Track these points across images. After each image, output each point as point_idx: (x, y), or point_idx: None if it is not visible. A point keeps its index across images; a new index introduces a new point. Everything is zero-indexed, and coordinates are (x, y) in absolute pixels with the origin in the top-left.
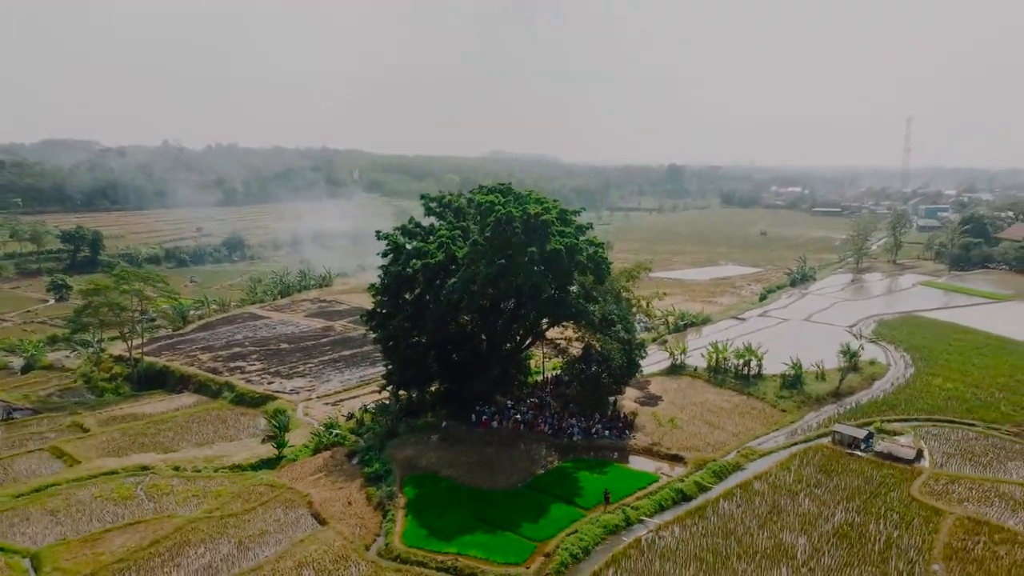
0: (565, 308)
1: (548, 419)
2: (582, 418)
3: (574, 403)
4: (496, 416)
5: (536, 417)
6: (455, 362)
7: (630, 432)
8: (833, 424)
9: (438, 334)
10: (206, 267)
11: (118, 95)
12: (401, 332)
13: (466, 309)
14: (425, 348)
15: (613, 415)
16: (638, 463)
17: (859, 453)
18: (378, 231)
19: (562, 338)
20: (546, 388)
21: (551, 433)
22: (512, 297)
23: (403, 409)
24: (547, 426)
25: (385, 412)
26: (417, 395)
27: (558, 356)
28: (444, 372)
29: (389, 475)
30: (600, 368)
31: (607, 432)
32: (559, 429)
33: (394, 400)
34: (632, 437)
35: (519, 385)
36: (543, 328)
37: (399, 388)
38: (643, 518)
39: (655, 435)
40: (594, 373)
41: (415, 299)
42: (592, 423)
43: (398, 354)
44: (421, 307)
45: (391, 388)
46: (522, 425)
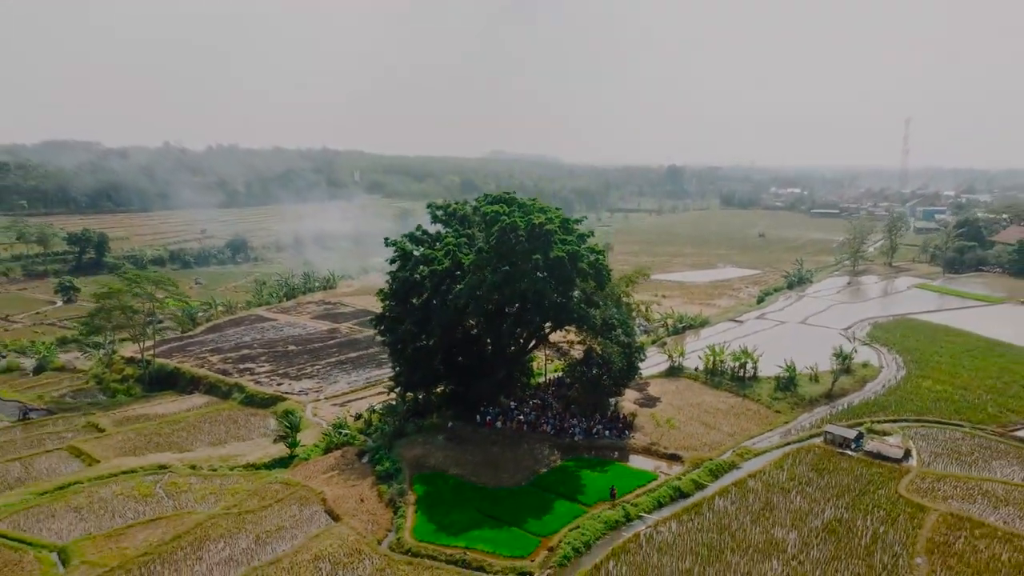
0: (567, 313)
1: (550, 419)
2: (583, 419)
3: (576, 404)
4: (500, 417)
5: (539, 417)
6: (461, 364)
7: (630, 432)
8: (825, 425)
9: (445, 337)
10: (210, 269)
11: (118, 95)
12: (409, 336)
13: (472, 314)
14: (432, 351)
15: (613, 416)
16: (637, 462)
17: (849, 452)
18: (387, 238)
19: (564, 341)
20: (548, 389)
21: (553, 433)
22: (516, 302)
23: (410, 410)
24: (549, 426)
25: (393, 413)
26: (424, 396)
27: (560, 358)
28: (450, 374)
29: (399, 473)
30: (601, 371)
31: (607, 432)
32: (561, 429)
33: (401, 401)
34: (631, 437)
35: (522, 387)
36: (546, 332)
37: (407, 390)
38: (642, 514)
39: (654, 435)
40: (595, 375)
41: (422, 304)
42: (593, 423)
43: (406, 357)
44: (428, 311)
45: (399, 389)
46: (525, 425)
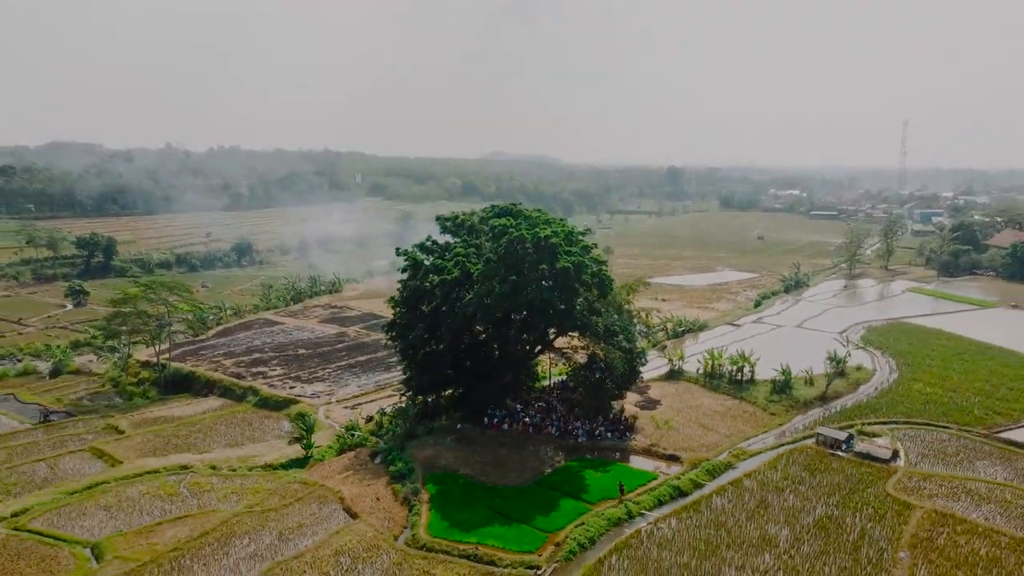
0: (572, 320)
1: (555, 422)
2: (586, 421)
3: (579, 407)
4: (507, 419)
5: (544, 420)
6: (469, 369)
7: (631, 434)
8: (817, 427)
9: (453, 343)
10: (216, 272)
11: (118, 96)
12: (419, 341)
13: (481, 321)
14: (441, 356)
15: (615, 418)
16: (638, 462)
17: (841, 453)
18: (398, 248)
19: (568, 347)
20: (552, 393)
21: (558, 435)
22: (523, 310)
23: (420, 412)
24: (554, 428)
25: (403, 415)
26: (433, 399)
27: (564, 362)
28: (458, 378)
29: (412, 473)
30: (603, 375)
31: (609, 434)
32: (565, 431)
33: (412, 404)
34: (633, 438)
35: (527, 390)
36: (551, 338)
37: (417, 393)
38: (643, 512)
39: (654, 436)
40: (598, 380)
41: (432, 311)
42: (596, 425)
43: (416, 361)
44: (438, 319)
45: (409, 393)
46: (531, 427)
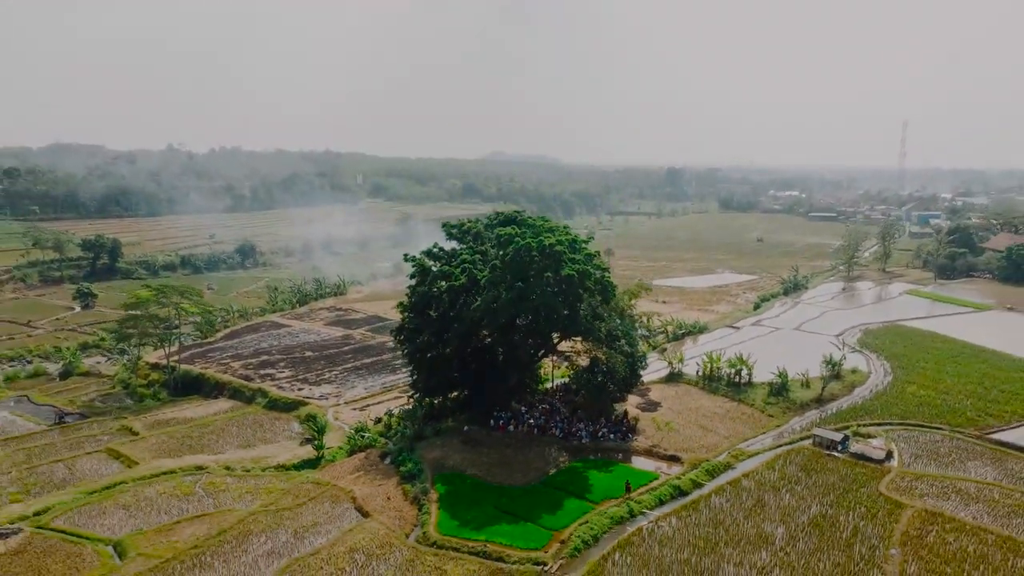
0: (576, 326)
1: (558, 423)
2: (589, 423)
3: (582, 409)
4: (512, 421)
5: (547, 422)
6: (475, 372)
7: (632, 435)
8: (813, 428)
9: (460, 347)
10: (220, 274)
11: (119, 96)
12: (427, 345)
13: (488, 327)
14: (448, 359)
15: (617, 420)
16: (640, 463)
17: (836, 454)
18: (406, 254)
19: (572, 351)
20: (555, 395)
21: (561, 436)
22: (528, 316)
23: (427, 414)
24: (558, 430)
25: (411, 417)
26: (440, 401)
27: (566, 365)
28: (465, 381)
29: (421, 474)
30: (606, 378)
31: (612, 435)
32: (568, 433)
33: (419, 406)
34: (634, 440)
35: (531, 392)
36: (555, 342)
37: (424, 395)
38: (645, 511)
39: (655, 438)
40: (601, 383)
41: (439, 316)
42: (598, 427)
43: (424, 365)
44: (445, 323)
45: (417, 395)
46: (535, 429)
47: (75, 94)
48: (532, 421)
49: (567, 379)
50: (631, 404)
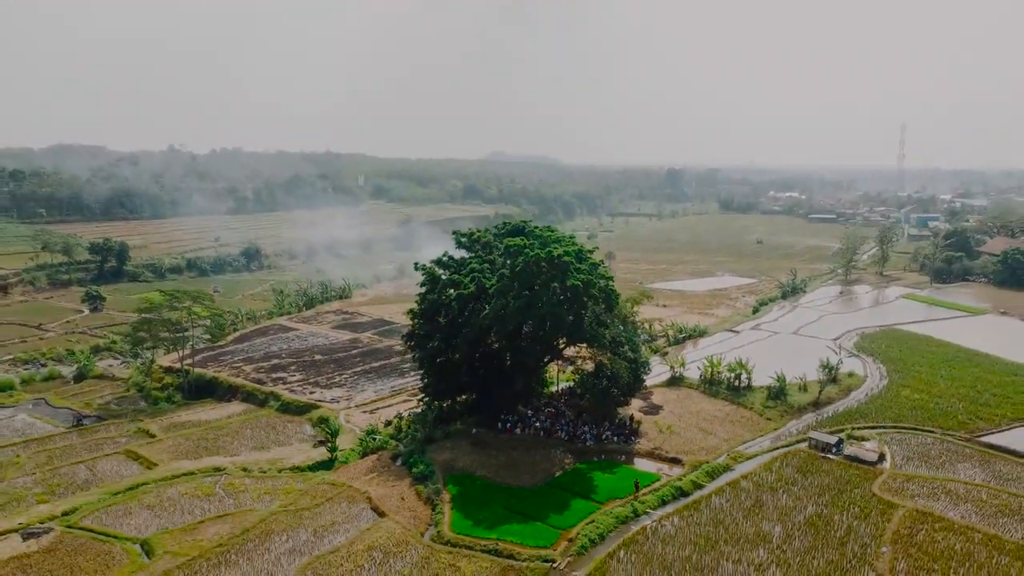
0: (581, 333)
1: (564, 426)
2: (594, 426)
3: (587, 413)
4: (519, 424)
5: (553, 425)
6: (483, 376)
7: (635, 438)
8: (810, 431)
9: (469, 352)
10: (226, 276)
11: (120, 97)
12: (437, 351)
13: (497, 334)
14: (457, 364)
15: (620, 423)
16: (642, 464)
17: (831, 456)
18: (416, 263)
19: (577, 356)
20: (560, 399)
21: (567, 439)
22: (535, 323)
23: (437, 417)
24: (563, 433)
25: (421, 420)
26: (448, 404)
27: (571, 370)
28: (473, 385)
29: (433, 475)
30: (610, 383)
31: (615, 438)
32: (574, 435)
33: (429, 409)
34: (637, 442)
35: (537, 396)
36: (561, 348)
37: (434, 398)
38: (648, 510)
39: (657, 440)
40: (605, 387)
41: (448, 323)
42: (602, 430)
43: (434, 369)
44: (454, 329)
45: (427, 398)
46: (542, 432)
47: (75, 94)
48: (538, 424)
49: (572, 383)
50: (634, 407)
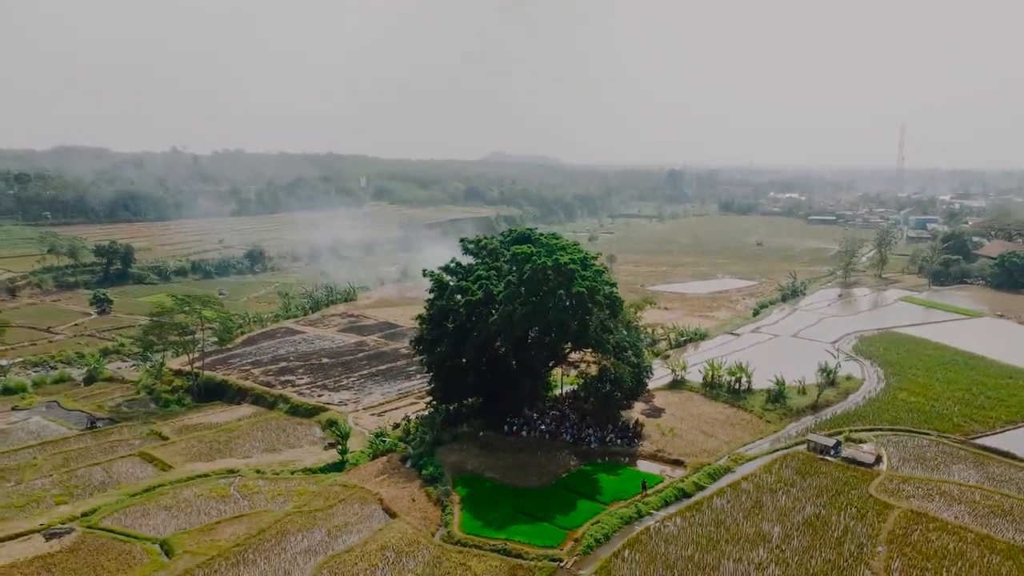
0: (586, 338)
1: (569, 429)
2: (598, 428)
3: (591, 416)
4: (524, 426)
5: (558, 427)
6: (490, 380)
7: (638, 440)
8: (808, 434)
9: (476, 357)
10: (230, 279)
11: (120, 98)
12: (445, 355)
13: (504, 340)
14: (464, 368)
15: (624, 426)
16: (645, 466)
17: (829, 458)
18: (424, 269)
19: (581, 360)
20: (565, 402)
21: (572, 441)
22: (542, 329)
23: (445, 420)
24: (568, 435)
25: (429, 423)
26: (456, 407)
27: (575, 373)
28: (480, 388)
29: (442, 477)
30: (614, 387)
31: (619, 440)
32: (578, 438)
33: (437, 412)
34: (640, 445)
35: (543, 399)
36: (566, 353)
37: (441, 402)
38: (651, 511)
39: (659, 443)
40: (609, 391)
41: (456, 328)
42: (606, 433)
43: (442, 373)
44: (462, 334)
45: (435, 402)
46: (547, 434)
47: (76, 95)
48: (544, 427)
49: (575, 386)
50: (637, 410)
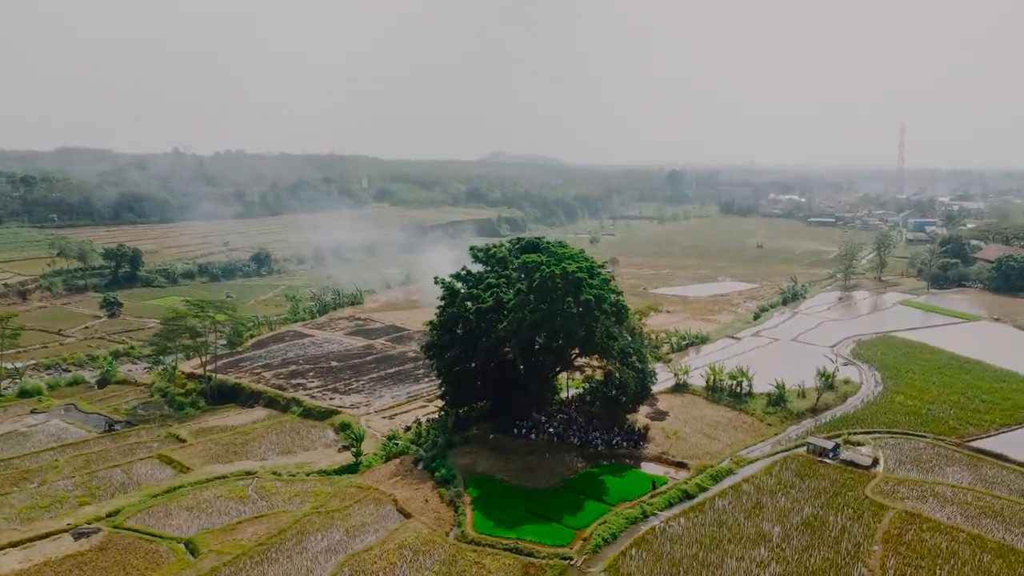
0: (592, 344)
1: (576, 432)
2: (604, 431)
3: (598, 419)
4: (533, 429)
5: (566, 431)
6: (499, 384)
7: (643, 443)
8: (808, 436)
9: (485, 362)
10: (237, 282)
11: (121, 98)
12: (455, 360)
13: (514, 346)
14: (474, 373)
15: (629, 429)
16: (650, 468)
17: (828, 460)
18: (436, 277)
19: (587, 364)
20: (571, 405)
21: (579, 444)
22: (549, 334)
23: (455, 423)
24: (575, 438)
25: (440, 426)
26: (465, 411)
27: (582, 377)
28: (490, 393)
29: (454, 479)
30: (619, 392)
31: (625, 443)
32: (585, 441)
33: (447, 415)
34: (645, 447)
35: (550, 403)
36: (573, 358)
37: (452, 405)
38: (656, 512)
39: (663, 445)
40: (614, 396)
41: (466, 333)
42: (612, 436)
43: (452, 378)
44: (472, 340)
45: (446, 406)
46: (555, 437)
47: (76, 95)
48: (552, 430)
49: (581, 390)
50: (641, 414)
